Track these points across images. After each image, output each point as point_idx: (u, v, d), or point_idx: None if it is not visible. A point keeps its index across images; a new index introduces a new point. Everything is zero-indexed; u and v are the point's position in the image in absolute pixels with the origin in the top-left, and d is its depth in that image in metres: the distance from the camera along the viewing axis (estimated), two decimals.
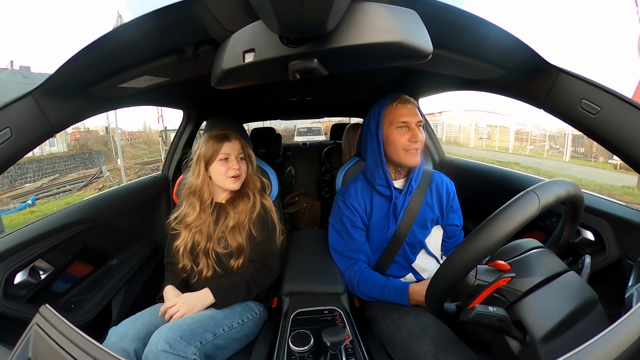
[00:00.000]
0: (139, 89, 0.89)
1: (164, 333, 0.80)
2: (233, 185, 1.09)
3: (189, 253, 1.08)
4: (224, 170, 1.08)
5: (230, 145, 1.09)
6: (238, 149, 1.11)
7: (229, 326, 0.95)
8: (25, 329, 0.46)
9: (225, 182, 1.09)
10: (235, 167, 1.08)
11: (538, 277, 0.61)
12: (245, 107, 2.07)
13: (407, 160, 1.04)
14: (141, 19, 0.55)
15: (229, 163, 1.08)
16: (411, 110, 1.04)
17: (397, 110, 1.05)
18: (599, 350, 0.39)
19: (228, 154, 1.08)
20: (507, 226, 0.54)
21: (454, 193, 1.15)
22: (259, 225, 1.11)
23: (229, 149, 1.09)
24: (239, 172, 1.09)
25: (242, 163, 1.12)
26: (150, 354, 0.78)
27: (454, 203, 1.15)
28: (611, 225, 0.88)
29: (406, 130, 1.03)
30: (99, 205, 1.23)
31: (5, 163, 0.66)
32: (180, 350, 0.78)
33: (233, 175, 1.08)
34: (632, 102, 0.66)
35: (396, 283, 1.00)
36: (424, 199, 1.10)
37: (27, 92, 0.68)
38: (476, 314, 0.57)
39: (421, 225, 1.09)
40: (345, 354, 0.76)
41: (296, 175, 2.70)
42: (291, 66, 0.53)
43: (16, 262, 0.89)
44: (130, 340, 0.85)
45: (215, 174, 1.09)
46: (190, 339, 0.82)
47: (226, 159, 1.08)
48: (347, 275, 1.09)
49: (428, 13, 0.51)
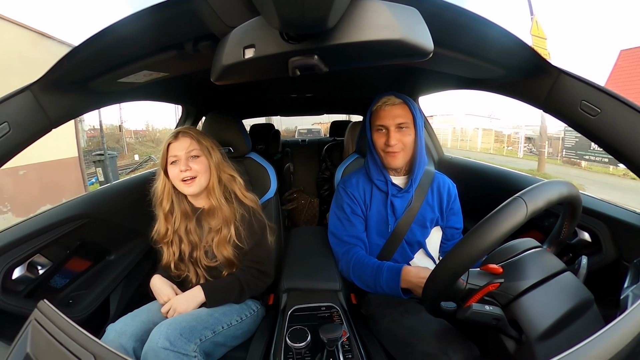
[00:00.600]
0: (138, 84, 0.88)
1: (163, 330, 0.80)
2: (187, 189, 0.97)
3: (179, 262, 1.05)
4: (176, 174, 0.96)
5: (178, 145, 0.96)
6: (187, 146, 0.97)
7: (228, 324, 0.95)
8: (24, 324, 0.46)
9: (179, 186, 0.98)
10: (182, 168, 0.95)
11: (531, 280, 0.62)
12: (244, 103, 2.06)
13: (386, 161, 1.08)
14: (141, 14, 0.54)
15: (179, 165, 0.96)
16: (389, 112, 1.04)
17: (377, 112, 1.08)
18: (594, 350, 0.39)
19: (176, 155, 0.96)
20: (494, 234, 0.54)
21: (455, 195, 1.15)
22: (246, 233, 1.02)
23: (176, 149, 0.96)
24: (190, 173, 0.96)
25: (196, 162, 0.98)
26: (150, 350, 0.77)
27: (455, 205, 1.15)
28: (608, 227, 0.88)
29: (384, 133, 1.06)
30: (97, 201, 1.22)
31: (3, 158, 0.65)
32: (180, 348, 0.78)
33: (183, 179, 0.96)
34: (632, 105, 0.66)
35: (390, 264, 1.00)
36: (425, 199, 1.11)
37: (25, 86, 0.67)
38: (472, 313, 0.58)
39: (420, 224, 1.10)
40: (342, 350, 0.77)
41: (295, 171, 2.69)
42: (291, 62, 0.52)
43: (14, 257, 0.89)
44: (128, 338, 0.85)
45: (171, 178, 0.99)
46: (190, 336, 0.82)
47: (176, 161, 0.97)
48: (343, 260, 1.09)
49: (429, 11, 0.51)
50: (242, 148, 1.36)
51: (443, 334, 0.79)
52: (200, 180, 0.99)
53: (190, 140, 0.98)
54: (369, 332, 1.02)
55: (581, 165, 10.70)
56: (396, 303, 0.98)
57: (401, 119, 1.04)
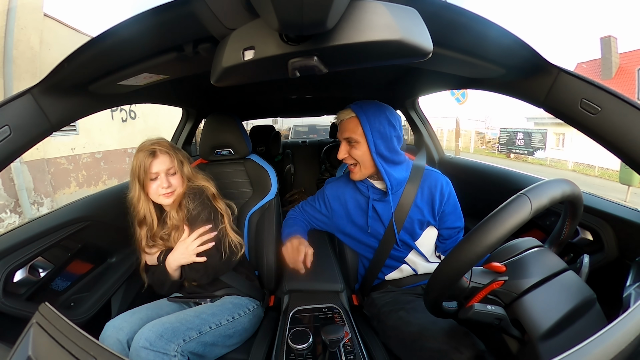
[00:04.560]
0: (138, 87, 0.88)
1: (145, 331, 0.83)
2: (166, 200, 1.05)
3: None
4: (155, 189, 1.04)
5: (158, 162, 1.03)
6: (167, 164, 1.04)
7: (217, 323, 0.96)
8: (25, 327, 0.46)
9: (158, 199, 1.05)
10: (164, 185, 1.03)
11: (534, 279, 0.62)
12: (244, 105, 2.06)
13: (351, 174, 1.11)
14: (140, 16, 0.55)
15: (159, 181, 1.03)
16: (341, 127, 1.06)
17: None
18: (597, 349, 0.39)
19: (156, 172, 1.03)
20: (499, 231, 0.54)
21: (449, 193, 1.09)
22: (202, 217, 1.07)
23: (157, 166, 1.03)
24: (170, 189, 1.04)
25: (174, 177, 1.06)
26: (133, 350, 0.81)
27: (449, 204, 1.09)
28: (610, 225, 0.88)
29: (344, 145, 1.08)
30: (98, 204, 1.22)
31: (3, 161, 0.66)
32: (160, 348, 0.80)
33: (163, 194, 1.04)
34: (632, 103, 0.66)
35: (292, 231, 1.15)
36: (414, 201, 1.07)
37: (25, 89, 0.68)
38: (474, 313, 0.58)
39: (409, 227, 1.08)
40: (344, 351, 0.76)
41: (295, 173, 2.70)
42: (291, 64, 0.52)
43: (16, 260, 0.89)
44: (126, 333, 0.88)
45: (150, 192, 1.05)
46: (171, 337, 0.84)
47: (155, 178, 1.03)
48: (290, 210, 1.30)
49: (428, 11, 0.51)
50: (243, 150, 1.36)
51: (453, 331, 0.78)
52: (178, 191, 1.07)
53: (169, 158, 1.05)
54: (371, 332, 1.02)
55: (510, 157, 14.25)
56: (403, 302, 0.97)
57: (348, 133, 1.03)
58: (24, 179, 4.13)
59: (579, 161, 12.56)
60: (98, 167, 5.50)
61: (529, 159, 13.44)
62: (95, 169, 5.42)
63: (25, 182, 4.15)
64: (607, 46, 12.95)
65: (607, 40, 13.01)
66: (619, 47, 12.96)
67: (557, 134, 13.97)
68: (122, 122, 6.00)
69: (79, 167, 5.09)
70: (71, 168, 4.96)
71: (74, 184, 5.01)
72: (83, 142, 5.14)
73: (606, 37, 13.07)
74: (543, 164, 13.15)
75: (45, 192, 4.46)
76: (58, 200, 4.64)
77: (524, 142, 13.19)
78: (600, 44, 13.24)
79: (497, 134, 15.09)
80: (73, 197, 4.26)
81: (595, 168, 11.64)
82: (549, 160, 13.49)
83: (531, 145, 12.90)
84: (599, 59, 13.39)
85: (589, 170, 11.92)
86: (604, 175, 11.11)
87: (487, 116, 19.15)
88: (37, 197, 4.35)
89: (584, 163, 12.27)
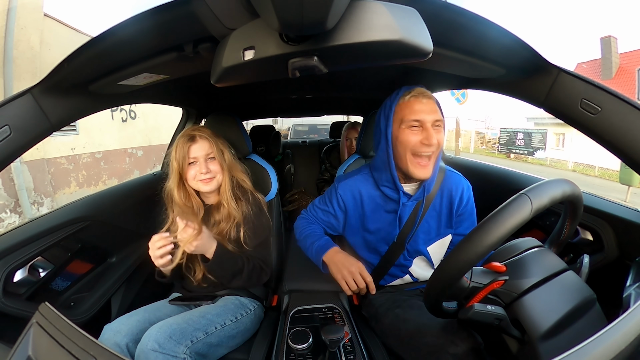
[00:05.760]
0: (138, 87, 0.89)
1: (154, 333, 0.81)
2: (205, 187, 1.05)
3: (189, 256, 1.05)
4: (193, 175, 1.04)
5: (197, 147, 1.03)
6: (206, 149, 1.05)
7: (222, 324, 0.96)
8: (25, 327, 0.46)
9: (197, 185, 1.05)
10: (202, 171, 1.02)
11: (534, 279, 0.62)
12: (244, 105, 2.06)
13: (414, 169, 0.91)
14: (141, 16, 0.55)
15: (198, 166, 1.03)
16: (427, 105, 0.88)
17: (410, 105, 0.89)
18: (597, 349, 0.39)
19: (196, 157, 1.03)
20: (499, 231, 0.54)
21: (468, 198, 1.01)
22: (249, 233, 1.08)
23: (196, 151, 1.03)
24: (208, 175, 1.04)
25: (213, 163, 1.06)
26: (141, 352, 0.79)
27: (467, 209, 1.01)
28: (610, 225, 0.88)
29: (419, 131, 0.88)
30: (98, 203, 1.22)
31: (4, 161, 0.66)
32: (169, 350, 0.79)
33: (201, 180, 1.04)
34: (632, 103, 0.66)
35: (328, 239, 1.03)
36: (432, 205, 0.99)
37: (26, 89, 0.68)
38: (474, 313, 0.58)
39: (425, 233, 1.02)
40: (344, 351, 0.77)
41: (296, 173, 2.70)
42: (291, 64, 0.52)
43: (16, 260, 0.89)
44: (124, 336, 0.86)
45: (188, 178, 1.05)
46: (180, 338, 0.83)
47: (194, 162, 1.04)
48: (304, 216, 1.16)
49: (428, 11, 0.51)
50: (243, 150, 1.36)
51: (449, 325, 0.78)
52: (218, 178, 1.07)
53: (208, 144, 1.05)
54: (371, 332, 1.02)
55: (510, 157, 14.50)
56: (400, 301, 0.97)
57: (438, 115, 0.89)
58: (24, 179, 4.13)
59: (579, 161, 12.61)
60: (98, 167, 5.51)
61: (529, 159, 13.62)
62: (95, 168, 5.43)
63: (25, 182, 4.15)
64: (607, 46, 12.98)
65: (607, 40, 13.03)
66: (619, 47, 13.00)
67: (557, 134, 13.99)
68: (122, 122, 6.01)
69: (79, 167, 5.10)
70: (71, 168, 4.96)
71: (74, 184, 5.02)
72: (83, 142, 5.16)
73: (606, 37, 13.10)
74: (543, 164, 13.27)
75: (45, 192, 4.47)
76: (58, 200, 4.65)
77: (524, 142, 13.24)
78: (600, 44, 13.29)
79: (497, 134, 15.28)
80: (73, 197, 4.27)
81: (595, 168, 11.68)
82: (549, 161, 13.57)
83: (531, 146, 12.96)
84: (599, 59, 13.42)
85: (589, 170, 11.97)
86: (604, 175, 11.16)
87: (487, 116, 19.36)
88: (37, 197, 4.36)
89: (584, 163, 12.33)
